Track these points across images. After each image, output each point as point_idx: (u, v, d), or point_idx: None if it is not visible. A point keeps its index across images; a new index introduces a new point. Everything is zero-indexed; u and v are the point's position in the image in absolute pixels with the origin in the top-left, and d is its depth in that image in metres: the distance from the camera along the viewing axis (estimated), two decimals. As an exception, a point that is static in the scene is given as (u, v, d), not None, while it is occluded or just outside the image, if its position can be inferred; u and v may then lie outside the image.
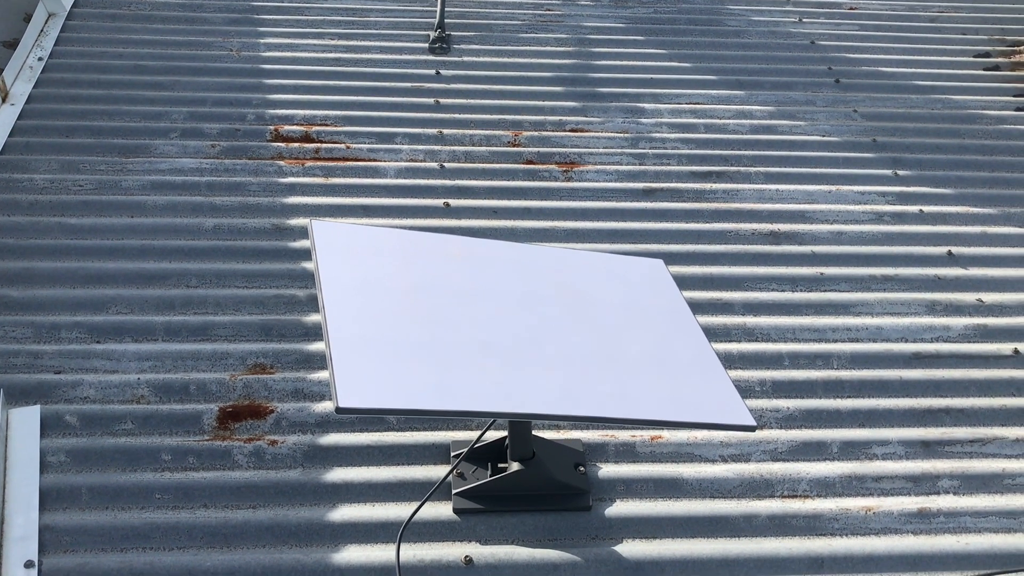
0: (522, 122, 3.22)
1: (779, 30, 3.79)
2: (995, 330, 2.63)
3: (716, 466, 2.23)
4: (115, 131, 3.02)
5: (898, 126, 3.34)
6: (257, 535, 2.02)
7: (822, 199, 3.03)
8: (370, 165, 2.99)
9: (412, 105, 3.24)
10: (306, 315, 2.49)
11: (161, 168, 2.90)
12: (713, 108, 3.35)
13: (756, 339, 2.56)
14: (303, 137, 3.06)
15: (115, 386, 2.28)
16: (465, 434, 2.23)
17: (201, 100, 3.16)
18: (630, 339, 2.04)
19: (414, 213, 2.84)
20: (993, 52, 3.78)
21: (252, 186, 2.86)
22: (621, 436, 2.27)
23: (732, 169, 3.11)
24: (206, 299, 2.51)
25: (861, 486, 2.21)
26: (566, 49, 3.58)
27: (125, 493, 2.07)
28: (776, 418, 2.35)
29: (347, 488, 2.11)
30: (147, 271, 2.57)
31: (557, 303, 2.05)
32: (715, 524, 2.11)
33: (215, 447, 2.17)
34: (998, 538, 2.12)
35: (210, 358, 2.37)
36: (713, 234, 2.86)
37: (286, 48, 3.44)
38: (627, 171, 3.07)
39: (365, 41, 3.52)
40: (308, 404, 2.28)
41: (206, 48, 3.40)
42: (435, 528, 2.05)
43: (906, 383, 2.46)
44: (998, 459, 2.30)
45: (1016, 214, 3.03)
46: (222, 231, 2.71)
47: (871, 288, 2.74)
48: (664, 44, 3.65)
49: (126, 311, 2.47)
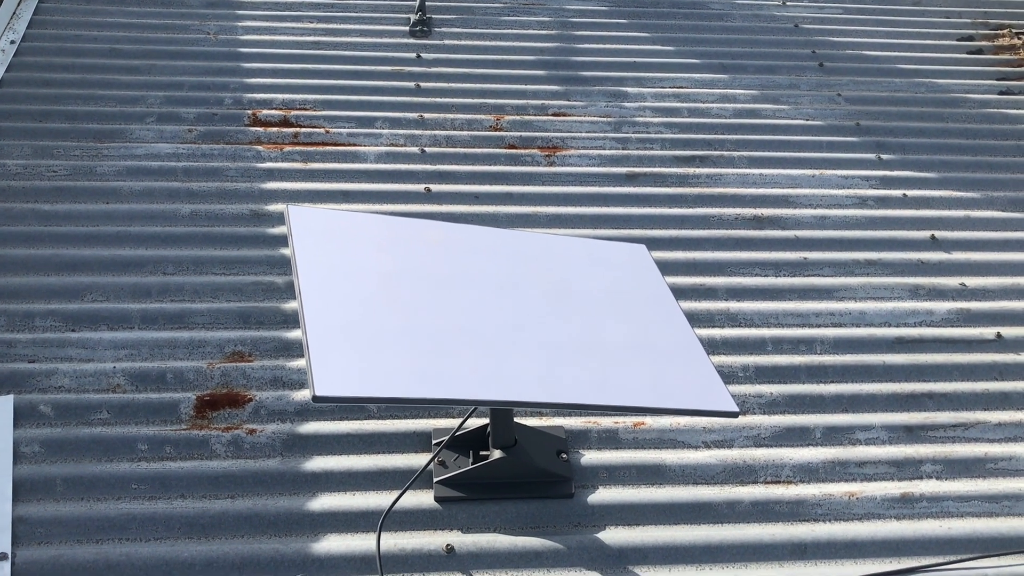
0: (504, 106, 3.19)
1: (763, 13, 3.77)
2: (978, 314, 2.63)
3: (699, 452, 2.22)
4: (90, 116, 2.96)
5: (882, 110, 3.33)
6: (235, 525, 1.99)
7: (805, 183, 3.01)
8: (350, 150, 2.95)
9: (392, 89, 3.21)
10: (285, 302, 2.46)
11: (137, 153, 2.85)
12: (696, 92, 3.33)
13: (739, 324, 2.54)
14: (282, 122, 3.02)
15: (90, 375, 2.25)
16: (447, 422, 2.21)
17: (178, 84, 3.11)
18: (612, 325, 2.02)
19: (395, 198, 2.81)
20: (976, 36, 3.77)
21: (230, 171, 2.82)
22: (604, 423, 2.25)
23: (715, 153, 3.09)
24: (183, 286, 2.47)
25: (844, 471, 2.21)
26: (548, 32, 3.55)
27: (101, 484, 2.04)
28: (759, 404, 2.34)
29: (327, 477, 2.09)
30: (123, 258, 2.53)
31: (538, 289, 2.03)
32: (698, 510, 2.10)
33: (193, 436, 2.14)
34: (980, 522, 2.12)
35: (187, 346, 2.33)
36: (696, 219, 2.84)
37: (264, 31, 3.38)
38: (610, 156, 3.04)
39: (345, 24, 3.47)
40: (287, 392, 2.25)
41: (183, 31, 3.34)
42: (416, 517, 2.03)
43: (889, 368, 2.45)
44: (980, 443, 2.30)
45: (999, 198, 3.03)
46: (199, 217, 2.67)
47: (854, 273, 2.73)
48: (647, 27, 3.62)
49: (101, 299, 2.43)
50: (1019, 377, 2.47)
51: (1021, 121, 3.33)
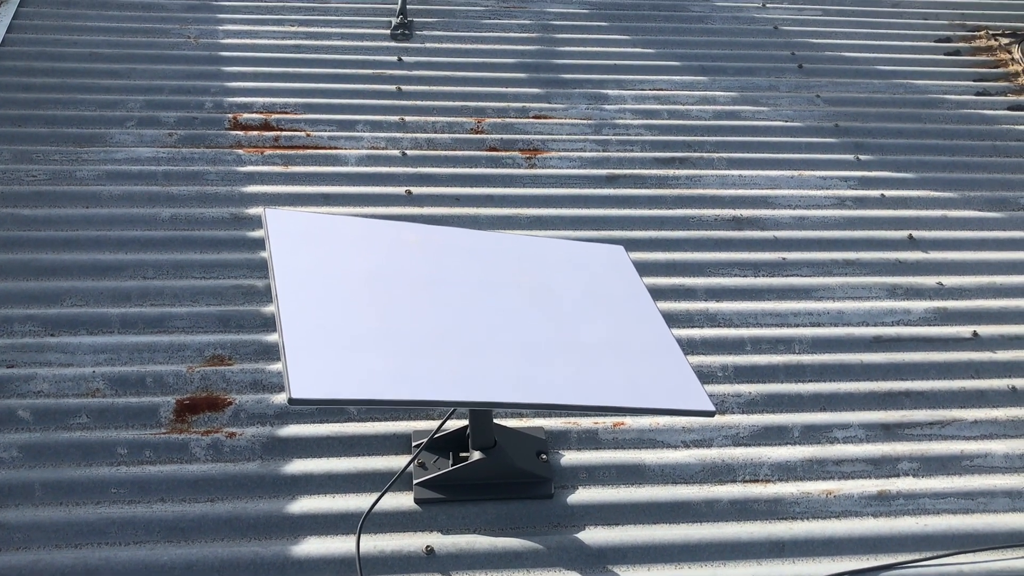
0: (485, 109, 3.20)
1: (742, 15, 3.79)
2: (955, 313, 2.65)
3: (678, 452, 2.23)
4: (69, 120, 2.96)
5: (860, 111, 3.36)
6: (215, 528, 1.99)
7: (784, 184, 3.03)
8: (331, 153, 2.95)
9: (373, 92, 3.21)
10: (265, 306, 2.46)
11: (117, 157, 2.85)
12: (676, 94, 3.35)
13: (718, 324, 2.56)
14: (262, 125, 3.02)
15: (69, 379, 2.24)
16: (426, 424, 2.21)
17: (158, 88, 3.10)
18: (590, 326, 2.03)
19: (376, 201, 2.81)
20: (954, 37, 3.80)
21: (210, 175, 2.82)
22: (584, 423, 2.26)
23: (695, 155, 3.11)
24: (163, 290, 2.47)
25: (822, 470, 2.22)
26: (529, 35, 3.56)
27: (80, 488, 2.04)
28: (738, 403, 2.36)
29: (306, 480, 2.09)
30: (102, 262, 2.53)
31: (516, 290, 2.04)
32: (677, 510, 2.11)
33: (172, 440, 2.14)
34: (956, 519, 2.14)
35: (167, 350, 2.33)
36: (676, 220, 2.86)
37: (245, 35, 3.38)
38: (590, 158, 3.06)
39: (326, 27, 3.47)
40: (267, 395, 2.25)
41: (163, 35, 3.34)
42: (396, 519, 2.04)
43: (867, 367, 2.47)
44: (957, 441, 2.32)
45: (976, 198, 3.06)
46: (179, 221, 2.67)
47: (833, 272, 2.75)
48: (628, 30, 3.64)
49: (81, 303, 2.43)
50: (995, 375, 2.49)
51: (998, 122, 3.36)
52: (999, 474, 2.25)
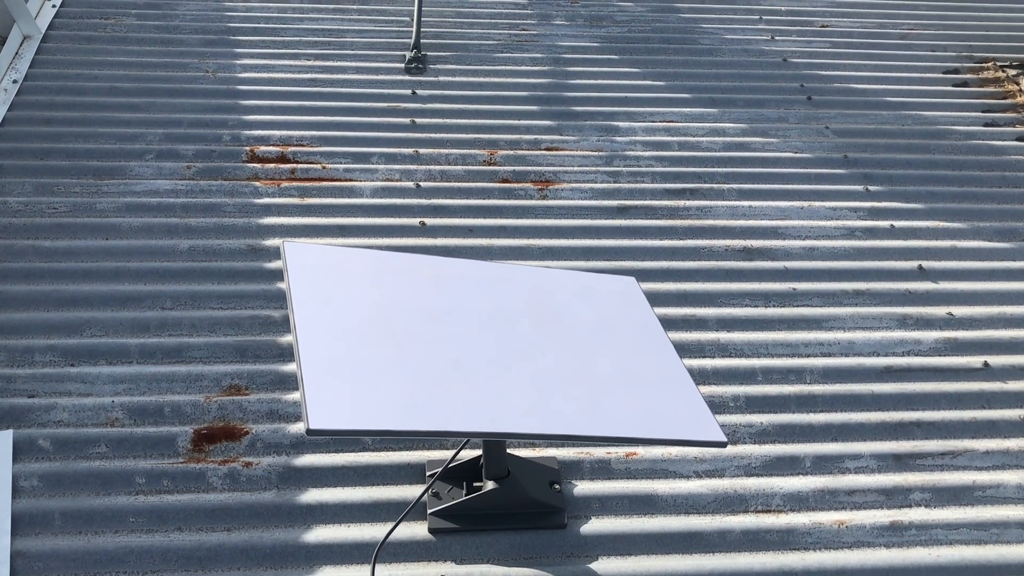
0: (497, 141, 3.25)
1: (752, 48, 3.84)
2: (965, 343, 2.67)
3: (691, 482, 2.25)
4: (90, 153, 3.02)
5: (869, 142, 3.39)
6: (231, 557, 2.01)
7: (794, 215, 3.06)
8: (346, 185, 3.00)
9: (388, 125, 3.26)
10: (281, 336, 2.49)
11: (136, 190, 2.90)
12: (687, 126, 3.39)
13: (730, 355, 2.58)
14: (279, 158, 3.07)
15: (89, 409, 2.28)
16: (440, 454, 2.24)
17: (177, 121, 3.16)
18: (602, 356, 2.06)
19: (390, 232, 2.85)
20: (962, 68, 3.83)
21: (227, 207, 2.86)
22: (596, 453, 2.28)
23: (705, 186, 3.14)
24: (181, 321, 2.51)
25: (834, 500, 2.23)
26: (541, 68, 3.61)
27: (98, 517, 2.06)
28: (750, 433, 2.37)
29: (322, 509, 2.11)
30: (121, 293, 2.57)
31: (529, 321, 2.07)
32: (689, 540, 2.12)
33: (189, 470, 2.17)
34: (969, 550, 2.14)
35: (185, 380, 2.36)
36: (687, 251, 2.89)
37: (262, 69, 3.45)
38: (601, 189, 3.09)
39: (341, 62, 3.53)
40: (283, 425, 2.28)
41: (182, 69, 3.40)
42: (410, 548, 2.05)
43: (878, 397, 2.48)
44: (969, 471, 2.33)
45: (985, 228, 3.08)
46: (197, 252, 2.71)
47: (843, 303, 2.77)
48: (638, 63, 3.69)
49: (100, 334, 2.47)
50: (1006, 405, 2.50)
51: (1006, 152, 3.39)
52: (1012, 505, 2.25)
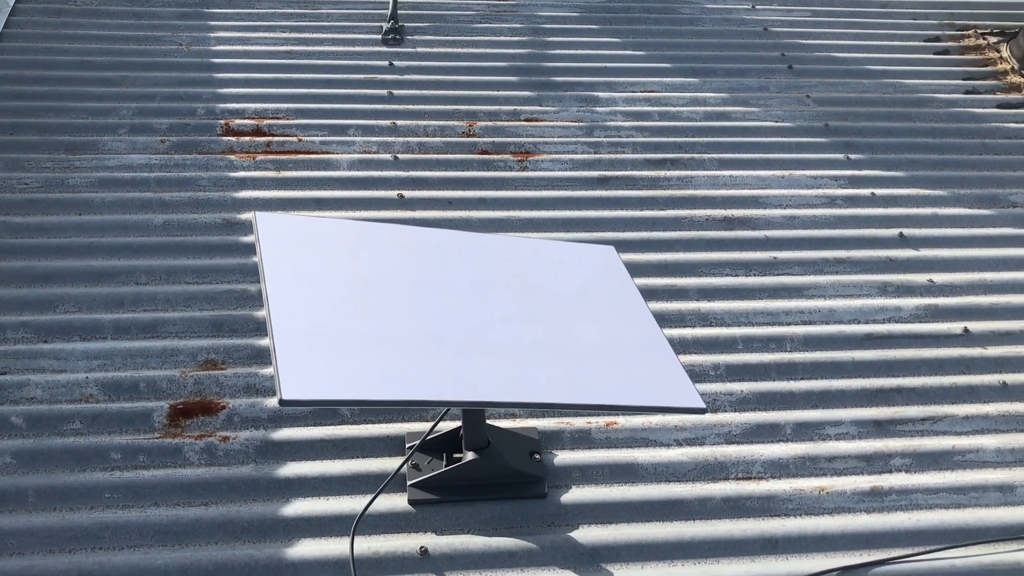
0: (476, 112, 3.21)
1: (732, 17, 3.81)
2: (945, 310, 2.67)
3: (671, 450, 2.24)
4: (61, 128, 2.97)
5: (850, 111, 3.37)
6: (209, 532, 2.00)
7: (775, 184, 3.04)
8: (323, 158, 2.96)
9: (365, 97, 3.22)
10: (257, 310, 2.46)
11: (109, 164, 2.85)
12: (667, 96, 3.36)
13: (710, 324, 2.57)
14: (254, 131, 3.03)
15: (63, 386, 2.25)
16: (420, 425, 2.22)
17: (150, 95, 3.11)
18: (582, 325, 2.04)
19: (368, 205, 2.82)
20: (943, 36, 3.82)
21: (202, 181, 2.83)
22: (576, 423, 2.27)
23: (686, 156, 3.12)
24: (156, 296, 2.48)
25: (814, 466, 2.23)
26: (520, 39, 3.57)
27: (73, 493, 2.04)
28: (730, 401, 2.36)
29: (300, 482, 2.09)
30: (95, 269, 2.53)
31: (508, 291, 2.05)
32: (670, 508, 2.11)
33: (166, 445, 2.15)
34: (948, 514, 2.15)
35: (160, 355, 2.34)
36: (667, 221, 2.87)
37: (236, 42, 3.39)
38: (582, 160, 3.07)
39: (317, 33, 3.48)
40: (260, 399, 2.26)
41: (155, 42, 3.35)
42: (390, 520, 2.04)
43: (858, 364, 2.48)
44: (948, 436, 2.33)
45: (965, 195, 3.07)
46: (172, 227, 2.68)
47: (824, 271, 2.76)
48: (618, 33, 3.66)
49: (74, 310, 2.43)
50: (986, 371, 2.50)
51: (987, 120, 3.38)
52: (990, 469, 2.26)
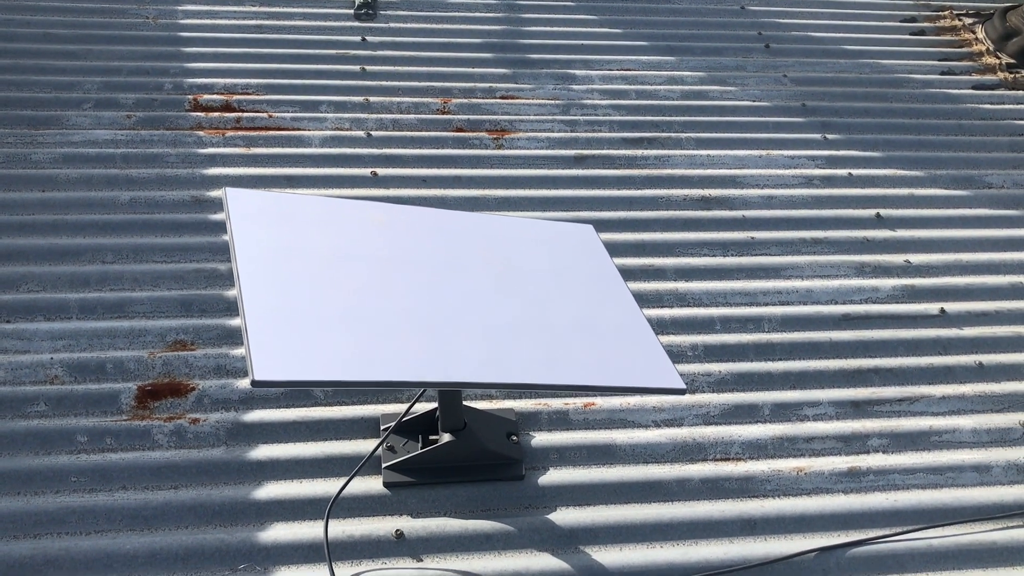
0: (451, 89, 3.16)
1: (709, -5, 3.77)
2: (922, 290, 2.66)
3: (649, 431, 2.22)
4: (23, 102, 2.88)
5: (827, 90, 3.35)
6: (179, 516, 1.95)
7: (752, 164, 3.02)
8: (294, 134, 2.90)
9: (337, 72, 3.15)
10: (227, 289, 2.41)
11: (74, 140, 2.77)
12: (644, 74, 3.32)
13: (688, 304, 2.55)
14: (223, 106, 2.96)
15: (26, 367, 2.18)
16: (395, 407, 2.18)
17: (116, 69, 3.03)
18: (560, 305, 2.01)
19: (341, 183, 2.76)
20: (919, 17, 3.81)
21: (170, 157, 2.75)
22: (554, 404, 2.24)
23: (663, 135, 3.09)
24: (122, 275, 2.41)
25: (792, 447, 2.22)
26: (496, 15, 3.52)
27: (38, 477, 1.98)
28: (708, 382, 2.35)
29: (273, 465, 2.05)
30: (60, 247, 2.46)
31: (485, 270, 2.01)
32: (648, 489, 2.10)
33: (134, 427, 2.09)
34: (926, 494, 2.15)
35: (127, 335, 2.28)
36: (644, 200, 2.84)
37: (205, 15, 3.31)
38: (558, 138, 3.03)
39: (288, 7, 3.41)
40: (231, 380, 2.21)
41: (120, 15, 3.25)
42: (365, 503, 2.01)
43: (836, 344, 2.47)
44: (925, 417, 2.33)
45: (942, 176, 3.07)
46: (139, 204, 2.61)
47: (801, 251, 2.75)
48: (595, 10, 3.61)
49: (37, 288, 2.36)
50: (962, 351, 2.50)
51: (962, 100, 3.38)
52: (967, 449, 2.26)
